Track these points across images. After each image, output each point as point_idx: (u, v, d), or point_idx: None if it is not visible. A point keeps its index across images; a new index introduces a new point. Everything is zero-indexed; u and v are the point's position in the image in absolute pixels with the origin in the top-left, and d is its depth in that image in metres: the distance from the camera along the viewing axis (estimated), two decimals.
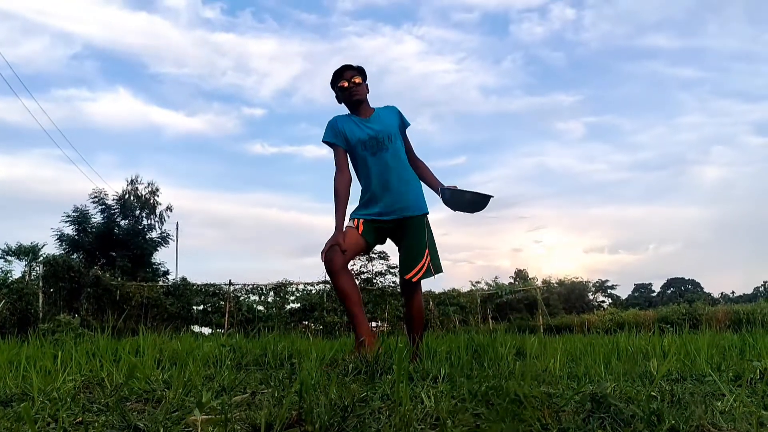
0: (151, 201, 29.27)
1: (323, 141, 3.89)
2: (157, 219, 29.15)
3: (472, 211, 3.96)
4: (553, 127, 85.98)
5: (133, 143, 65.26)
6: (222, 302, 20.07)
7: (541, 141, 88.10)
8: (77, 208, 25.10)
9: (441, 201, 3.91)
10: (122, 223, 26.60)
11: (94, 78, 67.29)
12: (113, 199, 26.75)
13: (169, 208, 30.01)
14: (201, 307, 20.21)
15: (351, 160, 3.92)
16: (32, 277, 16.48)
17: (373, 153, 3.80)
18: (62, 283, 16.02)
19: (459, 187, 3.87)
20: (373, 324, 21.45)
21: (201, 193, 69.57)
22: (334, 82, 3.98)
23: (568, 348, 3.92)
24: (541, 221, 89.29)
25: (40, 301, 14.87)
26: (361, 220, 3.79)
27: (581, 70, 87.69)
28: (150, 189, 29.53)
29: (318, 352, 3.41)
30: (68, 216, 24.74)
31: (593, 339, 5.48)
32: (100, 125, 63.84)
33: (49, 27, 60.03)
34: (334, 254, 3.60)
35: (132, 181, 29.15)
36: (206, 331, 19.89)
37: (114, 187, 32.40)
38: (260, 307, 20.61)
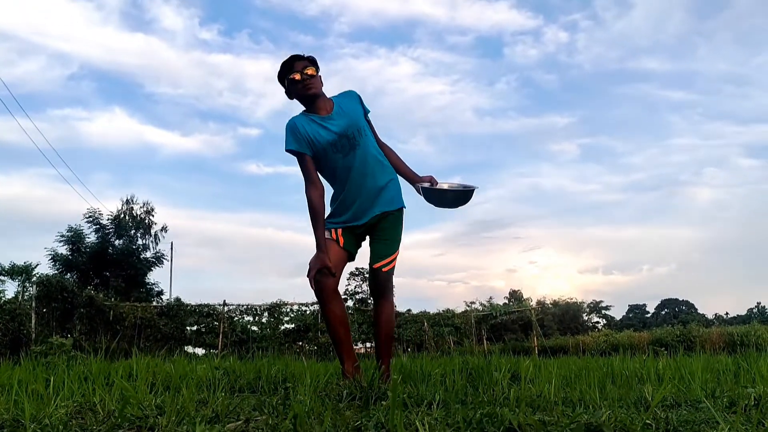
0: (146, 221, 29.22)
1: (287, 150, 3.39)
2: (151, 239, 29.09)
3: (455, 206, 3.71)
4: (547, 148, 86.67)
5: (128, 163, 65.43)
6: (216, 323, 19.98)
7: (536, 162, 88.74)
8: (71, 227, 25.02)
9: (417, 194, 3.64)
10: (117, 243, 26.51)
11: (90, 98, 67.63)
12: (108, 219, 26.69)
13: (164, 228, 29.97)
14: (195, 328, 20.10)
15: (318, 164, 3.47)
16: (25, 298, 16.38)
17: (345, 154, 3.40)
18: (55, 304, 15.91)
19: (438, 182, 3.63)
20: (368, 345, 21.36)
21: (196, 212, 69.66)
22: (283, 74, 3.50)
23: (563, 372, 3.92)
24: (536, 242, 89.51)
25: (33, 321, 14.75)
26: (339, 230, 3.44)
27: (575, 92, 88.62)
28: (145, 209, 29.52)
29: (312, 376, 3.39)
30: (62, 236, 24.64)
31: (588, 362, 5.48)
32: (96, 145, 64.01)
33: (46, 47, 60.37)
34: (325, 278, 3.28)
35: (127, 201, 29.14)
36: (200, 351, 19.78)
37: (108, 207, 32.33)
38: (254, 328, 20.53)
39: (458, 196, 3.61)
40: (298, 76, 3.40)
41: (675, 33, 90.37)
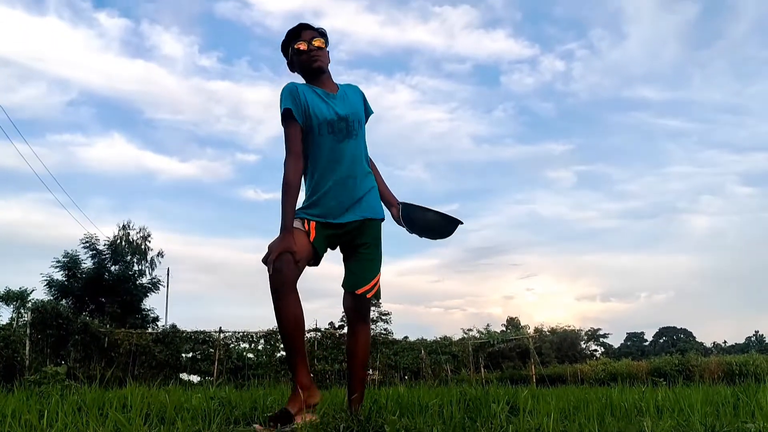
0: (143, 246, 29.17)
1: (283, 110, 2.96)
2: (148, 264, 29.02)
3: (434, 237, 3.32)
4: (545, 175, 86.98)
5: (126, 188, 65.48)
6: (212, 350, 19.82)
7: (533, 189, 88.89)
8: (68, 253, 24.94)
9: (394, 219, 3.30)
10: (113, 268, 26.41)
11: (89, 123, 67.98)
12: (104, 245, 26.63)
13: (160, 254, 29.91)
14: (190, 355, 19.94)
15: (306, 142, 3.03)
16: (20, 324, 16.27)
17: (339, 139, 3.00)
18: (50, 330, 15.80)
19: (419, 205, 3.23)
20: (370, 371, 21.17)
21: (193, 238, 69.52)
22: (288, 42, 3.16)
23: (561, 404, 3.89)
24: (533, 269, 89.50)
25: (27, 348, 14.64)
26: (313, 223, 2.97)
27: (571, 120, 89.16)
28: (141, 234, 29.48)
29: None
30: (58, 261, 24.55)
31: (587, 392, 5.44)
32: (94, 170, 64.13)
33: (46, 73, 60.79)
34: (286, 265, 2.75)
35: (124, 226, 29.10)
36: (195, 379, 19.61)
37: (105, 232, 32.35)
38: (250, 355, 20.37)
39: (443, 222, 3.22)
40: (304, 45, 3.08)
41: (670, 62, 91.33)
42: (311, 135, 2.99)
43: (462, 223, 3.21)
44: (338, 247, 3.16)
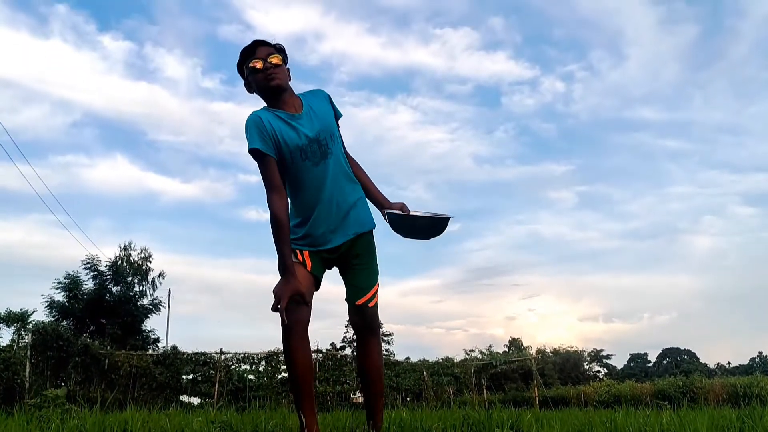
0: (144, 267, 29.10)
1: (250, 149, 2.78)
2: (149, 285, 28.94)
3: (427, 238, 3.20)
4: (546, 195, 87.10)
5: (128, 209, 65.59)
6: (212, 371, 19.70)
7: (534, 209, 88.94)
8: (69, 274, 24.89)
9: (384, 220, 3.17)
10: (114, 289, 26.35)
11: (92, 145, 68.25)
12: (106, 266, 26.59)
13: (161, 275, 29.83)
14: (191, 377, 19.81)
15: (283, 173, 2.88)
16: (20, 345, 16.21)
17: (315, 163, 2.84)
18: (50, 352, 15.73)
19: (410, 209, 3.13)
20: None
21: (195, 258, 69.38)
22: (242, 61, 2.96)
23: (566, 428, 3.85)
24: (535, 289, 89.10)
25: (27, 370, 14.56)
26: (306, 252, 2.88)
27: (572, 141, 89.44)
28: (143, 255, 29.43)
29: None
30: (59, 282, 24.50)
31: (591, 415, 5.39)
32: (97, 191, 64.31)
33: (49, 95, 61.27)
34: (299, 312, 2.69)
35: (125, 247, 29.07)
36: (195, 401, 19.48)
37: (107, 253, 32.30)
38: (251, 377, 20.23)
39: (432, 224, 3.12)
40: (259, 63, 2.85)
41: (670, 83, 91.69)
42: (284, 164, 2.84)
43: (452, 217, 3.08)
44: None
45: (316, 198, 2.86)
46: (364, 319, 3.02)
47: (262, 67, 2.85)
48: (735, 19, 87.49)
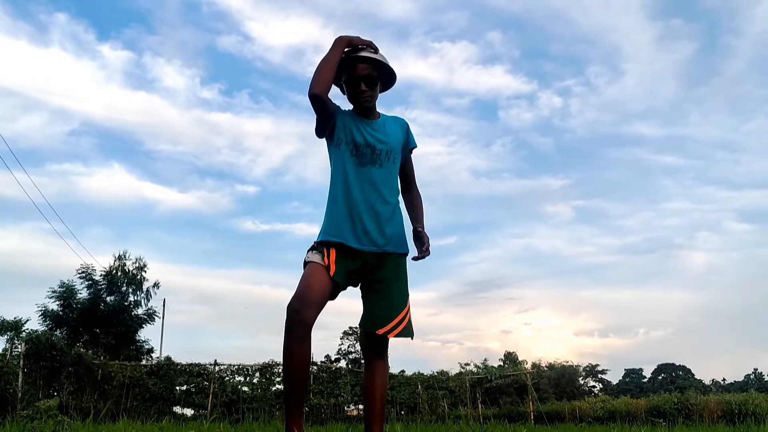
0: (138, 277, 28.98)
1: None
2: (143, 295, 28.81)
3: None
4: (542, 209, 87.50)
5: (124, 218, 65.67)
6: (206, 383, 19.59)
7: (530, 223, 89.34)
8: (63, 283, 24.79)
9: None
10: (108, 299, 26.24)
11: (89, 153, 68.41)
12: (101, 275, 26.49)
13: (156, 285, 29.70)
14: (184, 388, 19.69)
15: (330, 161, 3.02)
16: (13, 355, 16.11)
17: (360, 162, 2.91)
18: (43, 362, 15.63)
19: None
20: (361, 407, 20.94)
21: (190, 268, 69.36)
22: (339, 70, 2.98)
23: None
24: (531, 303, 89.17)
25: (20, 380, 14.47)
26: (333, 251, 2.80)
27: (569, 155, 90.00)
28: (137, 265, 29.32)
29: None
30: (54, 291, 24.39)
31: None
32: (93, 200, 64.36)
33: (48, 104, 61.45)
34: (305, 313, 2.59)
35: (119, 256, 28.95)
36: (189, 412, 19.37)
37: (102, 262, 32.22)
38: (245, 389, 20.11)
39: None
40: (364, 87, 2.95)
41: (667, 99, 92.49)
42: (334, 148, 2.97)
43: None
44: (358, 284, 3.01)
45: (352, 194, 2.88)
46: (375, 345, 2.96)
47: (359, 90, 2.95)
48: (731, 37, 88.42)
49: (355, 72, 2.94)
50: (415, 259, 3.02)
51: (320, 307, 2.67)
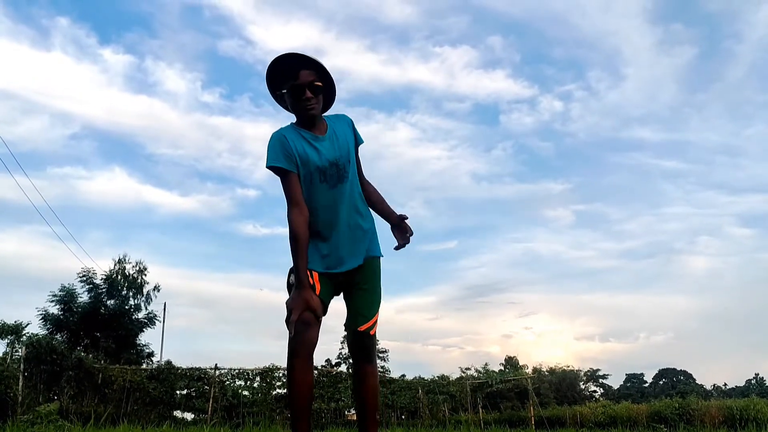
0: (139, 280, 28.96)
1: (269, 166, 2.80)
2: (143, 299, 28.79)
3: None
4: (543, 213, 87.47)
5: (125, 221, 65.74)
6: (207, 387, 19.55)
7: (531, 227, 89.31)
8: (64, 286, 24.76)
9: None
10: (109, 303, 26.22)
11: (90, 157, 68.51)
12: (101, 279, 26.48)
13: (156, 288, 29.70)
14: (185, 392, 19.66)
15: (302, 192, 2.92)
16: (13, 359, 16.07)
17: (332, 185, 2.86)
18: (44, 366, 15.60)
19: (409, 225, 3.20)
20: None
21: (191, 272, 69.42)
22: (279, 81, 2.91)
23: None
24: (531, 307, 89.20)
25: (20, 384, 14.43)
26: (316, 275, 2.82)
27: (569, 160, 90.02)
28: (138, 268, 29.31)
29: None
30: (54, 295, 24.37)
31: None
32: (94, 203, 64.44)
33: (49, 107, 61.55)
34: (307, 328, 2.65)
35: (120, 260, 28.95)
36: (189, 416, 19.36)
37: (103, 266, 32.19)
38: (246, 393, 20.08)
39: None
40: (308, 93, 2.84)
41: (667, 104, 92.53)
42: (305, 183, 2.85)
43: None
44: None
45: (330, 221, 2.89)
46: (363, 346, 2.98)
47: (304, 97, 2.84)
48: (731, 42, 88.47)
49: (299, 80, 2.84)
50: (397, 248, 3.16)
51: (319, 327, 2.73)
